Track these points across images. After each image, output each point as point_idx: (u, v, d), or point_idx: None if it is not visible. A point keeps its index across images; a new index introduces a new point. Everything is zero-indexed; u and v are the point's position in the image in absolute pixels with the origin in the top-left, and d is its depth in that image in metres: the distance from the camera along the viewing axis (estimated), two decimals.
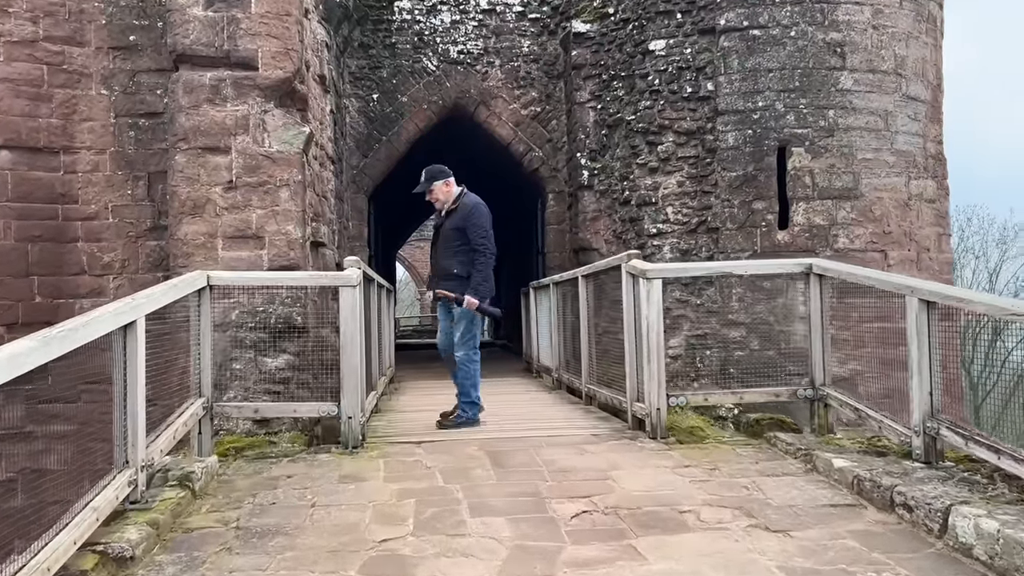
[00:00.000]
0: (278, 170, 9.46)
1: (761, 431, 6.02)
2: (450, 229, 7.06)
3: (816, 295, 5.92)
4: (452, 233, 7.03)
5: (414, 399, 9.29)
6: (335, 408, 5.69)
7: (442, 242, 7.01)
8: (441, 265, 6.98)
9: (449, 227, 7.07)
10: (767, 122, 11.32)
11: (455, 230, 7.03)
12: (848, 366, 7.37)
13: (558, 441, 6.00)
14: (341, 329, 5.65)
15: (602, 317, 7.51)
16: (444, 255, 6.97)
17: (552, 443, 5.93)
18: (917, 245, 11.71)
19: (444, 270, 6.97)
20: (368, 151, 14.01)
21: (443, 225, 7.08)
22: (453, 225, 7.06)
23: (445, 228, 7.07)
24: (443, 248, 6.99)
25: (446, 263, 6.95)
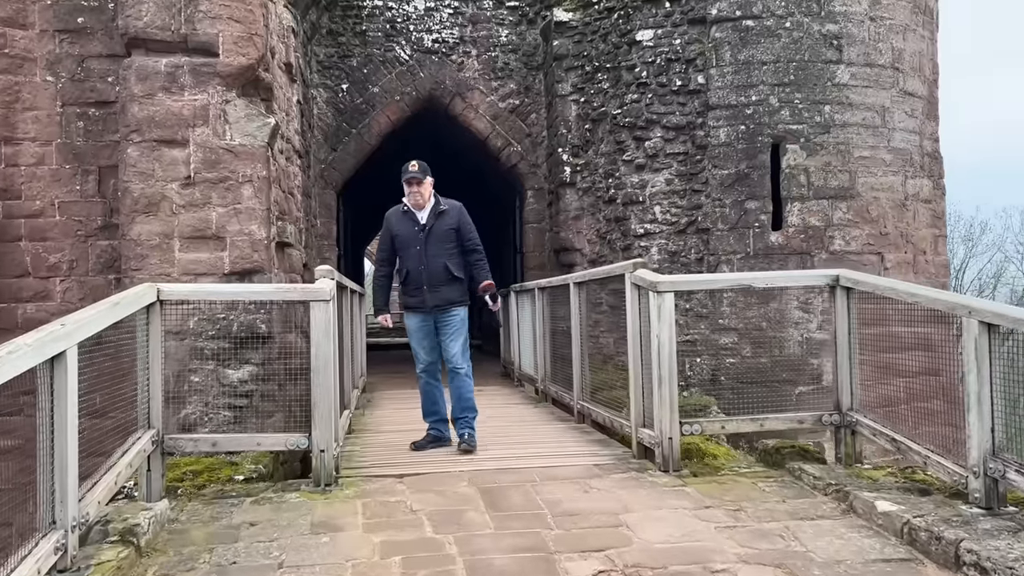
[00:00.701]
0: (241, 165, 8.72)
1: (781, 460, 5.43)
2: (445, 230, 6.47)
3: (843, 311, 5.34)
4: (447, 234, 6.44)
5: (390, 414, 8.60)
6: (305, 439, 4.99)
7: (434, 244, 6.34)
8: (434, 268, 6.31)
9: (443, 228, 6.46)
10: (760, 117, 10.77)
11: (451, 231, 6.47)
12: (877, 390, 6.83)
13: (558, 473, 5.36)
14: (313, 351, 4.95)
15: (598, 330, 6.88)
16: (437, 257, 6.33)
17: (551, 476, 5.29)
18: (914, 247, 11.24)
19: (441, 274, 6.32)
20: (337, 144, 13.25)
21: (433, 227, 6.42)
22: (448, 226, 6.49)
23: (438, 229, 6.43)
24: (436, 250, 6.34)
25: (442, 266, 6.33)
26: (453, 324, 6.42)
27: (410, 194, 6.39)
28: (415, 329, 6.47)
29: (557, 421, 7.71)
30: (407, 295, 6.43)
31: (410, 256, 6.37)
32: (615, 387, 10.18)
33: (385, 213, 6.65)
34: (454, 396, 6.39)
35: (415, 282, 6.36)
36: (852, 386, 5.37)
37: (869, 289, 5.08)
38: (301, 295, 4.98)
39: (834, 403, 5.47)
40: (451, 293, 6.42)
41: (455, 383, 6.40)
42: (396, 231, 6.47)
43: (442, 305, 6.37)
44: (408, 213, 6.44)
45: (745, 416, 5.37)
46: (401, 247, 6.44)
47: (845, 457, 5.35)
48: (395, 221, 6.51)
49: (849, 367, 5.37)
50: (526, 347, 10.50)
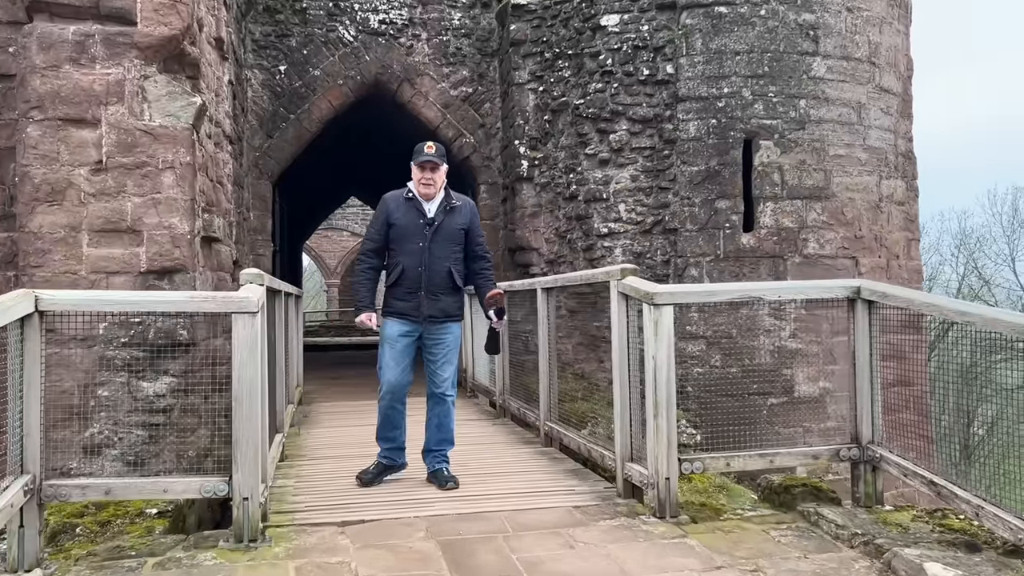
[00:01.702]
0: (161, 149, 7.67)
1: (792, 501, 4.66)
2: (455, 229, 5.43)
3: (864, 327, 4.59)
4: (456, 234, 5.43)
5: (330, 433, 7.62)
6: (224, 484, 4.03)
7: (441, 243, 5.34)
8: (436, 271, 5.31)
9: (453, 226, 5.42)
10: (733, 111, 10.07)
11: (460, 231, 5.46)
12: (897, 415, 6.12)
13: (533, 520, 4.50)
14: (235, 376, 4.00)
15: (572, 343, 6.03)
16: (442, 259, 5.34)
17: (525, 524, 4.42)
18: (887, 251, 10.69)
19: (443, 280, 5.34)
20: (273, 130, 12.16)
21: (442, 223, 5.37)
22: (458, 225, 5.45)
23: (447, 227, 5.39)
24: (442, 251, 5.34)
25: (446, 271, 5.35)
26: (447, 343, 5.43)
27: (422, 181, 5.35)
28: (395, 339, 5.35)
29: (521, 444, 6.85)
30: (396, 298, 5.37)
31: (409, 252, 5.31)
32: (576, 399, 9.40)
33: (382, 196, 5.55)
34: (432, 425, 5.46)
35: (410, 284, 5.30)
36: (874, 415, 4.63)
37: (900, 304, 4.34)
38: (221, 305, 4.03)
39: (851, 435, 4.72)
40: (451, 305, 5.43)
41: (439, 411, 5.44)
42: (396, 219, 5.37)
43: (438, 317, 5.37)
44: (412, 201, 5.39)
45: (753, 451, 4.58)
46: (399, 240, 5.35)
47: (865, 497, 4.61)
48: (395, 207, 5.41)
49: (870, 393, 4.62)
50: (480, 354, 9.62)
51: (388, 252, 5.43)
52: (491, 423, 8.06)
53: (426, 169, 5.33)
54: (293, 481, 5.53)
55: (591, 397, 10.35)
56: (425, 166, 5.33)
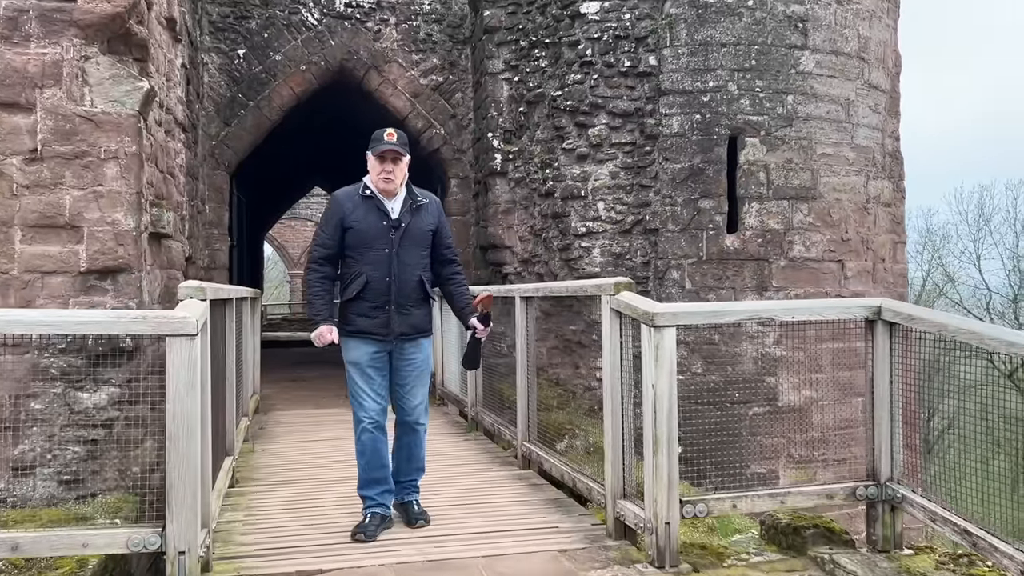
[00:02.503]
0: (104, 137, 7.02)
1: (802, 545, 4.19)
2: (423, 231, 4.69)
3: (884, 351, 4.12)
4: (424, 237, 4.70)
5: (288, 450, 7.02)
6: (156, 536, 3.45)
7: (409, 248, 4.62)
8: (406, 281, 4.60)
9: (421, 228, 4.68)
10: (718, 106, 9.59)
11: (428, 233, 4.71)
12: None
13: (513, 570, 3.96)
14: (169, 410, 3.41)
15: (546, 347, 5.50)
16: (412, 267, 4.63)
17: (506, 572, 3.89)
18: (873, 254, 10.31)
19: (414, 291, 4.63)
20: (231, 118, 11.46)
21: (409, 225, 4.64)
22: (426, 225, 4.71)
23: (414, 229, 4.65)
24: (411, 257, 4.62)
25: (416, 280, 4.64)
26: (418, 363, 4.71)
27: (382, 175, 4.58)
28: (365, 363, 4.61)
29: (496, 466, 6.30)
30: (359, 314, 4.58)
31: (373, 261, 4.56)
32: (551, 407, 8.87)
33: (333, 193, 4.75)
34: (403, 456, 4.78)
35: (376, 298, 4.56)
36: (894, 450, 4.16)
37: (929, 328, 3.85)
38: (153, 327, 3.42)
39: (868, 470, 4.25)
40: (422, 318, 4.72)
41: (408, 440, 4.77)
42: (354, 222, 4.58)
43: (410, 334, 4.66)
44: (372, 199, 4.61)
45: (762, 491, 4.10)
46: (359, 246, 4.58)
47: (882, 541, 4.14)
48: (351, 208, 4.62)
49: (890, 425, 4.15)
50: (452, 360, 9.07)
51: (344, 260, 4.68)
52: (462, 437, 7.51)
53: (387, 160, 4.57)
54: (243, 515, 4.94)
55: (567, 405, 9.85)
56: (386, 156, 4.57)
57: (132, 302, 7.12)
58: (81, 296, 6.99)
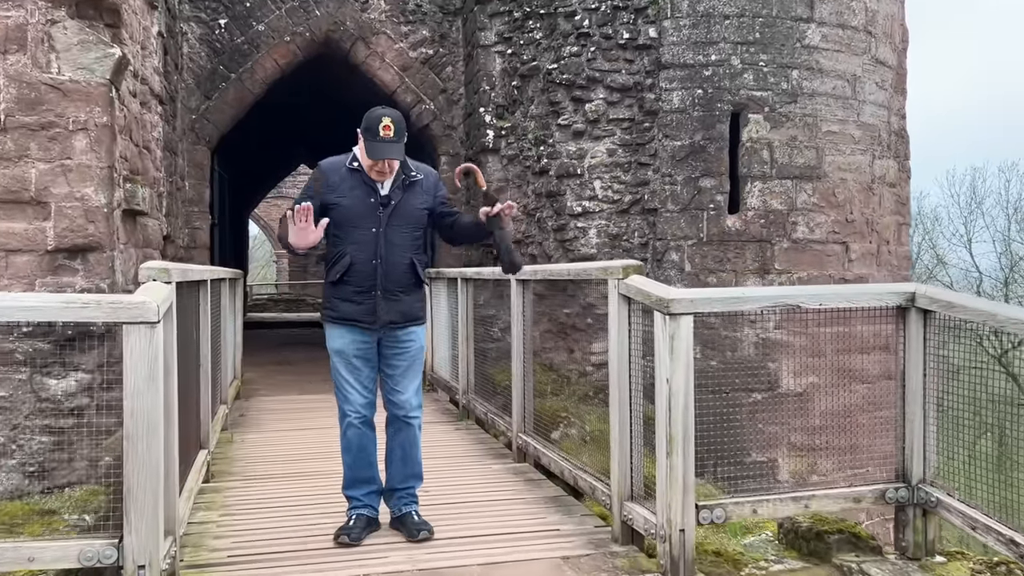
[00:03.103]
0: (72, 107, 6.62)
1: (826, 552, 3.86)
2: (418, 209, 4.20)
3: (917, 342, 3.78)
4: (418, 216, 4.21)
5: (269, 440, 6.65)
6: (112, 549, 3.08)
7: (399, 228, 4.14)
8: (395, 264, 4.13)
9: (414, 206, 4.19)
10: (720, 81, 9.20)
11: (423, 212, 4.22)
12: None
13: None
14: (127, 408, 3.03)
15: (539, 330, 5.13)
16: (402, 249, 4.15)
17: None
18: (878, 236, 9.98)
19: (404, 275, 4.17)
20: (212, 91, 10.98)
21: (400, 203, 4.15)
22: (421, 204, 4.21)
23: (406, 208, 4.17)
24: (401, 237, 4.15)
25: (406, 263, 4.17)
26: (410, 353, 4.27)
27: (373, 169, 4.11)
28: (351, 353, 4.18)
29: (490, 458, 5.95)
30: (344, 299, 4.15)
31: (358, 241, 4.10)
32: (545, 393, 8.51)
33: (319, 163, 4.28)
34: (396, 457, 4.29)
35: (361, 282, 4.12)
36: (927, 450, 3.82)
37: (974, 317, 3.50)
38: (108, 313, 3.02)
39: (897, 471, 3.91)
40: (412, 305, 4.26)
41: (403, 439, 4.28)
42: (340, 197, 4.12)
43: (399, 322, 4.21)
44: (359, 173, 4.16)
45: (785, 494, 3.76)
46: (344, 224, 4.12)
47: (913, 547, 3.81)
48: (336, 181, 4.15)
49: (924, 423, 3.81)
50: (442, 346, 8.71)
51: (329, 240, 4.18)
52: (453, 427, 7.15)
53: (386, 157, 4.06)
54: (218, 514, 4.56)
55: (561, 391, 9.49)
56: (380, 147, 4.03)
57: (104, 283, 6.72)
58: (49, 276, 6.59)
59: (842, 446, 9.66)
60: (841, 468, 10.00)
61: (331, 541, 4.06)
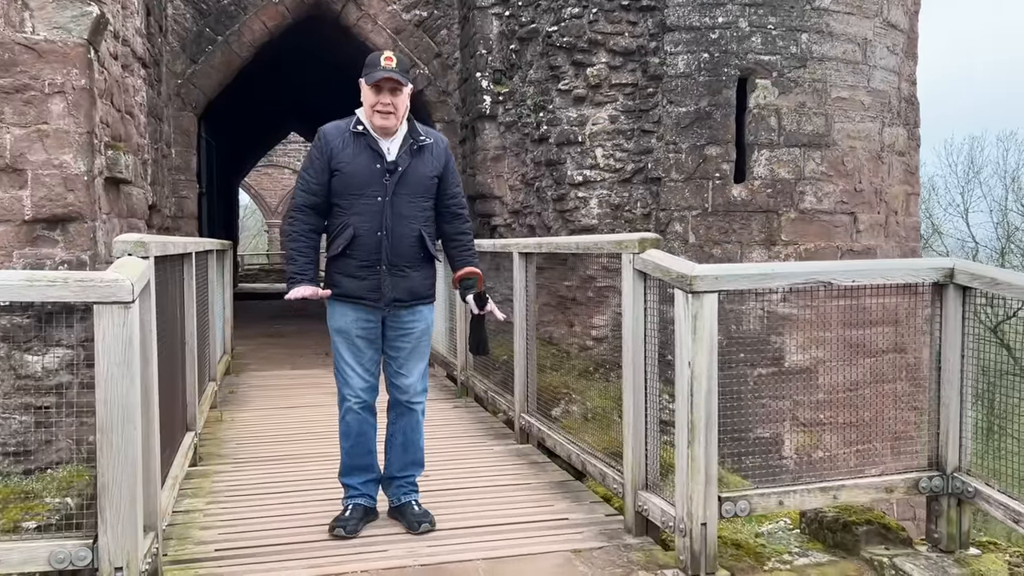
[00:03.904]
0: (48, 69, 6.26)
1: (854, 544, 3.62)
2: (427, 176, 3.89)
3: (955, 321, 3.51)
4: (427, 184, 3.90)
5: (260, 419, 6.39)
6: (86, 550, 2.81)
7: (407, 197, 3.85)
8: (402, 236, 3.83)
9: (423, 173, 3.88)
10: (727, 44, 8.85)
11: (432, 180, 3.91)
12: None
13: (520, 573, 3.37)
14: (100, 394, 2.75)
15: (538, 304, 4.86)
16: (410, 219, 3.85)
17: None
18: (886, 207, 9.70)
19: (411, 247, 3.87)
20: (198, 55, 10.57)
21: (408, 168, 3.85)
22: (430, 171, 3.90)
23: (414, 174, 3.86)
24: (409, 207, 3.85)
25: (415, 235, 3.87)
26: (415, 333, 3.96)
27: (378, 108, 3.78)
28: (353, 333, 3.88)
29: (492, 439, 5.70)
30: (346, 274, 3.85)
31: (363, 211, 3.80)
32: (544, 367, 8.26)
33: (320, 128, 3.97)
34: (396, 443, 4.03)
35: (366, 256, 3.81)
36: (963, 437, 3.57)
37: (1016, 293, 3.24)
38: (76, 292, 2.72)
39: (930, 459, 3.66)
40: (421, 282, 3.94)
41: (404, 425, 4.00)
42: (342, 163, 3.83)
43: (406, 301, 3.90)
44: (364, 137, 3.85)
45: (813, 484, 3.51)
46: (347, 192, 3.83)
47: (947, 539, 3.57)
48: (340, 146, 3.85)
49: (960, 408, 3.56)
50: (439, 317, 8.41)
51: (331, 210, 3.89)
52: (451, 404, 6.89)
53: (384, 91, 3.77)
54: (204, 501, 4.30)
55: (561, 366, 9.23)
56: (383, 85, 3.77)
57: (85, 255, 6.40)
58: (27, 248, 6.28)
59: (849, 422, 9.47)
60: (848, 444, 9.83)
61: (326, 532, 3.80)
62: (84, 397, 6.03)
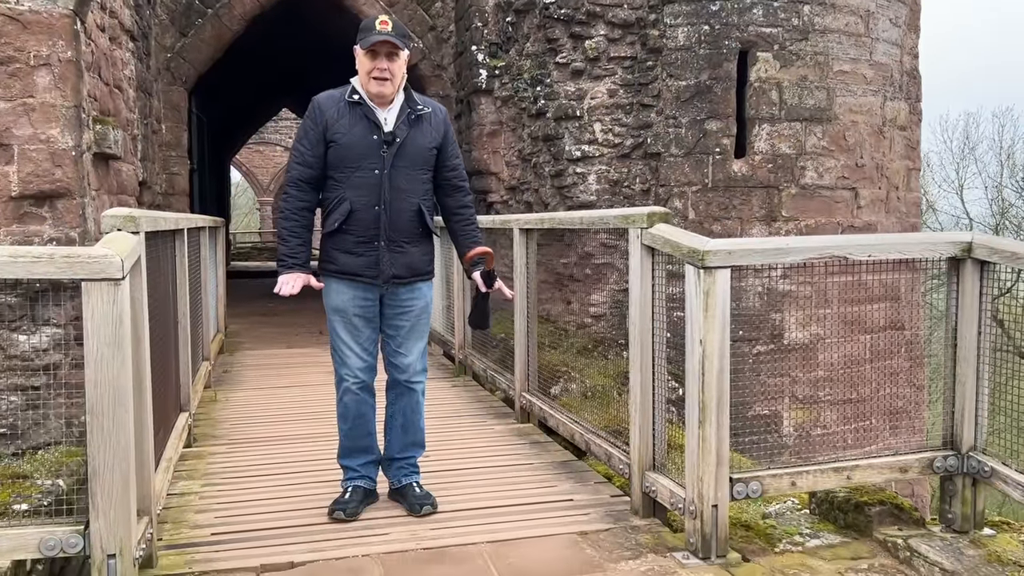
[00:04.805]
0: (32, 40, 6.10)
1: (866, 525, 3.54)
2: (425, 147, 3.71)
3: (973, 297, 3.41)
4: (425, 155, 3.73)
5: (255, 398, 6.28)
6: (77, 536, 2.71)
7: (405, 169, 3.68)
8: (400, 210, 3.68)
9: (421, 144, 3.70)
10: (728, 16, 8.69)
11: (431, 151, 3.74)
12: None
13: (527, 561, 3.27)
14: (90, 375, 2.63)
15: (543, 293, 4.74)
16: (408, 192, 3.69)
17: (517, 568, 3.20)
18: (888, 182, 9.59)
19: (410, 222, 3.72)
20: (188, 28, 10.36)
21: (406, 139, 3.68)
22: (428, 141, 3.73)
23: (413, 145, 3.69)
24: (407, 180, 3.69)
25: (413, 209, 3.71)
26: (414, 311, 3.82)
27: (374, 73, 3.60)
28: (351, 312, 3.73)
29: (492, 418, 5.60)
30: (344, 251, 3.70)
31: (359, 184, 3.64)
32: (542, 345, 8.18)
33: (314, 98, 3.77)
34: (396, 424, 3.90)
35: (363, 231, 3.66)
36: (978, 416, 3.48)
37: None
38: (63, 269, 2.59)
39: (945, 438, 3.58)
40: (420, 258, 3.80)
41: (404, 405, 3.87)
42: (338, 135, 3.65)
43: (405, 277, 3.75)
44: (360, 107, 3.67)
45: (826, 465, 3.42)
46: (343, 165, 3.66)
47: (961, 520, 3.49)
48: (335, 116, 3.67)
49: (976, 386, 3.46)
50: (436, 295, 8.29)
51: (326, 183, 3.72)
52: (450, 383, 6.79)
53: (380, 56, 3.59)
54: (200, 484, 4.20)
55: (559, 344, 9.13)
56: (379, 50, 3.58)
57: (75, 231, 6.26)
58: (15, 225, 6.14)
59: (848, 398, 9.42)
60: (846, 420, 9.78)
61: (325, 515, 3.71)
62: (74, 377, 5.92)
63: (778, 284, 9.04)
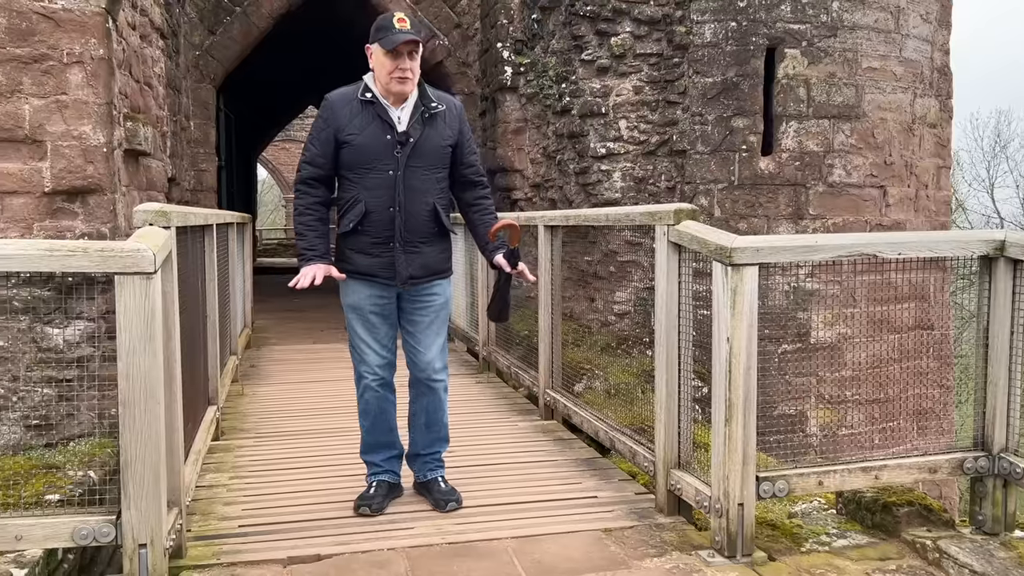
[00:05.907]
0: (66, 38, 6.17)
1: (894, 525, 3.51)
2: (440, 146, 3.67)
3: (1006, 296, 3.38)
4: (440, 153, 3.69)
5: (282, 393, 6.33)
6: (109, 526, 2.76)
7: (420, 169, 3.65)
8: (416, 211, 3.65)
9: (436, 142, 3.66)
10: (756, 12, 8.63)
11: (446, 149, 3.70)
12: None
13: (552, 556, 3.29)
14: (122, 367, 2.67)
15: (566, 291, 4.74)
16: (424, 192, 3.66)
17: (543, 563, 3.21)
18: (917, 180, 9.49)
19: (425, 223, 3.69)
20: (216, 26, 10.45)
21: (421, 138, 3.64)
22: (443, 139, 3.68)
23: (428, 144, 3.65)
24: (422, 180, 3.65)
25: (429, 209, 3.68)
26: (433, 307, 3.80)
27: (395, 73, 3.55)
28: (367, 310, 3.73)
29: (516, 415, 5.62)
30: (358, 251, 3.68)
31: (374, 185, 3.61)
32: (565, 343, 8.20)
33: (326, 96, 3.74)
34: (419, 422, 3.91)
35: (379, 232, 3.64)
36: (1011, 416, 3.44)
37: None
38: (97, 262, 2.64)
39: (976, 439, 3.54)
40: (437, 257, 3.77)
41: (427, 403, 3.87)
42: (351, 136, 3.61)
43: (422, 277, 3.73)
44: (373, 106, 3.64)
45: (854, 464, 3.40)
46: (357, 165, 3.63)
47: (991, 522, 3.46)
48: (348, 116, 3.64)
49: (1008, 385, 3.43)
50: (459, 291, 8.33)
51: (340, 183, 3.71)
52: (474, 379, 6.82)
53: (400, 53, 3.50)
54: (228, 476, 4.25)
55: (583, 342, 9.14)
56: (401, 50, 3.51)
57: (105, 227, 6.35)
58: (47, 220, 6.23)
59: (875, 399, 9.33)
60: (873, 420, 9.70)
61: (351, 509, 3.74)
62: (106, 370, 6.00)
63: (805, 283, 8.97)
